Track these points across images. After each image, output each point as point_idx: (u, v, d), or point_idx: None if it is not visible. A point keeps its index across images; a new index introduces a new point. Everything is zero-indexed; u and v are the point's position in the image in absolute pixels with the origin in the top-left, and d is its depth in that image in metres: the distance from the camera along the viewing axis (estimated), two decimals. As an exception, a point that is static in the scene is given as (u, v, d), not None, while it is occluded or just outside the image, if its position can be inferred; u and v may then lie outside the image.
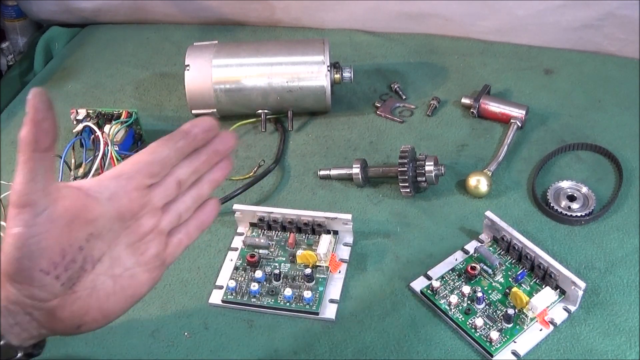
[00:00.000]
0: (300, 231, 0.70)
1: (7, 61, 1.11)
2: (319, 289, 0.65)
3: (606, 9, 0.91)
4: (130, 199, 0.45)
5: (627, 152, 0.79)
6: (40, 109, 0.40)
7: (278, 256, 0.69)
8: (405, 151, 0.73)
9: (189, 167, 0.47)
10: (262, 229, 0.71)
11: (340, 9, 1.03)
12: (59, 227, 0.41)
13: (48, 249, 0.40)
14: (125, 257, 0.45)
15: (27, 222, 0.40)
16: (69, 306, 0.42)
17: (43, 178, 0.41)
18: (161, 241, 0.47)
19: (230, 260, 0.69)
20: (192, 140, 0.47)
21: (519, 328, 0.60)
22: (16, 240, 0.40)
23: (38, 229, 0.40)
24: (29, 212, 0.40)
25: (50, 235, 0.40)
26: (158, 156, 0.46)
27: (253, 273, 0.66)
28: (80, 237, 0.42)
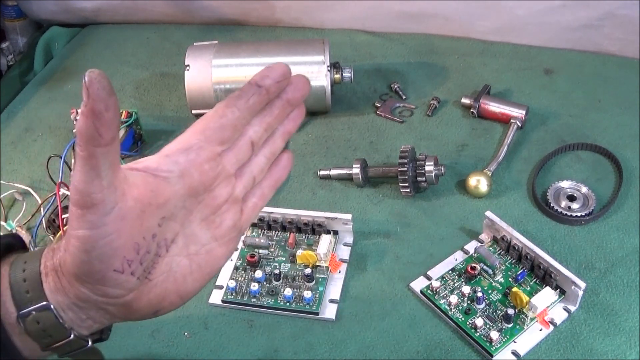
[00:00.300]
0: (300, 231, 0.70)
1: (7, 61, 1.11)
2: (319, 289, 0.65)
3: (606, 9, 0.91)
4: (203, 172, 0.40)
5: (627, 152, 0.79)
6: (101, 97, 0.35)
7: (278, 256, 0.69)
8: (405, 151, 0.73)
9: (261, 125, 0.42)
10: (262, 229, 0.71)
11: (340, 9, 1.03)
12: (130, 222, 0.37)
13: (121, 247, 0.37)
14: (200, 233, 0.42)
15: (94, 224, 0.36)
16: (145, 295, 0.39)
17: (109, 173, 0.36)
18: (237, 209, 0.43)
19: (230, 260, 0.69)
20: (265, 94, 0.41)
21: (519, 328, 0.60)
22: (83, 243, 0.36)
23: (108, 229, 0.36)
24: (96, 212, 0.36)
25: (123, 233, 0.37)
26: (229, 119, 0.41)
27: (253, 273, 0.66)
28: (152, 224, 0.38)
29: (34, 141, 0.89)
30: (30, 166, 0.84)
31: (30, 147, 0.88)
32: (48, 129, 0.91)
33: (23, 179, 0.82)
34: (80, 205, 0.36)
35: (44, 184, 0.80)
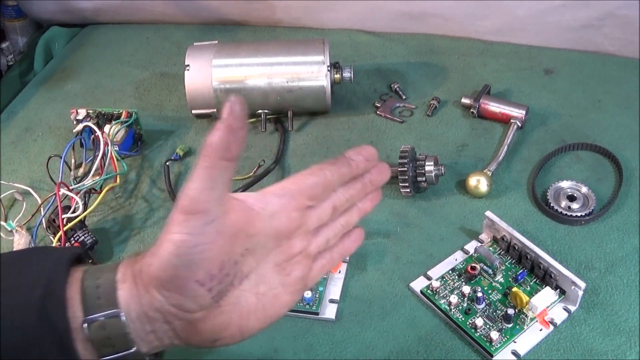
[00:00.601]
0: None
1: (7, 61, 1.11)
2: (319, 289, 0.65)
3: (606, 9, 0.91)
4: (290, 219, 0.44)
5: (627, 152, 0.79)
6: (238, 116, 0.39)
7: None
8: (405, 151, 0.73)
9: (345, 194, 0.47)
10: None
11: (340, 9, 1.03)
12: (223, 239, 0.40)
13: (209, 260, 0.39)
14: (271, 276, 0.44)
15: (194, 230, 0.39)
16: (211, 319, 0.41)
17: (221, 187, 0.40)
18: (307, 264, 0.47)
19: None
20: (354, 168, 0.47)
21: (519, 328, 0.60)
22: (178, 247, 0.39)
23: (205, 238, 0.39)
24: (200, 219, 0.39)
25: (215, 246, 0.39)
26: (322, 179, 0.45)
27: None
28: (238, 251, 0.41)
29: (34, 141, 0.89)
30: (30, 166, 0.84)
31: (30, 147, 0.88)
32: (48, 129, 0.91)
33: (23, 179, 0.82)
34: (187, 211, 0.39)
35: (44, 184, 0.80)
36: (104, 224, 0.76)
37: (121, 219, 0.76)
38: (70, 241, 0.69)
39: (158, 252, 0.39)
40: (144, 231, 0.74)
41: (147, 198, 0.79)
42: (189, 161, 0.83)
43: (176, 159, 0.83)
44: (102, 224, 0.76)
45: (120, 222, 0.76)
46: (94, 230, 0.73)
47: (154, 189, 0.80)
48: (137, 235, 0.74)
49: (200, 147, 0.47)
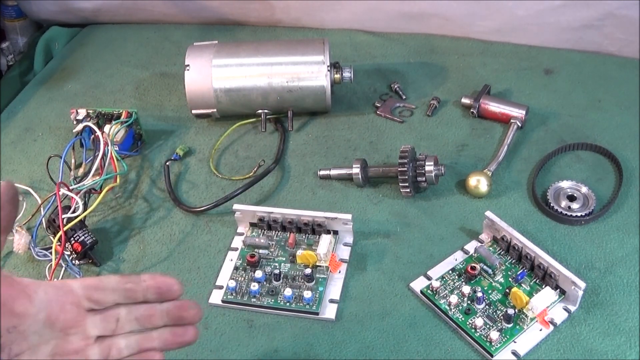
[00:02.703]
0: (300, 231, 0.70)
1: (7, 61, 1.11)
2: (319, 289, 0.65)
3: (606, 9, 0.91)
4: (63, 310, 0.45)
5: (627, 152, 0.79)
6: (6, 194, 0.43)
7: (278, 256, 0.69)
8: (405, 151, 0.73)
9: (132, 311, 0.48)
10: (262, 229, 0.71)
11: (340, 9, 1.03)
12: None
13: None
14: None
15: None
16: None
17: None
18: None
19: (230, 260, 0.69)
20: (141, 286, 0.47)
21: (519, 328, 0.60)
22: None
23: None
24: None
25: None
26: (103, 284, 0.47)
27: (253, 273, 0.66)
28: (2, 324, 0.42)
29: (34, 141, 0.89)
30: (30, 166, 0.84)
31: (30, 147, 0.88)
32: (48, 129, 0.91)
33: (23, 179, 0.82)
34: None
35: (44, 184, 0.80)
36: (104, 224, 0.76)
37: (121, 219, 0.76)
38: (70, 241, 0.69)
39: None
40: (144, 231, 0.74)
41: (147, 198, 0.79)
42: (189, 161, 0.83)
43: (176, 159, 0.83)
44: (102, 224, 0.76)
45: (120, 222, 0.76)
46: (94, 230, 0.73)
47: (154, 189, 0.80)
48: (137, 235, 0.74)
49: (200, 147, 0.47)
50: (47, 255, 0.70)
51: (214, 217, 0.75)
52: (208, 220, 0.75)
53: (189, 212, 0.76)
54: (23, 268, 0.71)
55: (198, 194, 0.79)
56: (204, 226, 0.74)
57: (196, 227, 0.74)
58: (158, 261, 0.71)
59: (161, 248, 0.72)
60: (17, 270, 0.71)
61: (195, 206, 0.76)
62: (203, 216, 0.75)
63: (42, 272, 0.69)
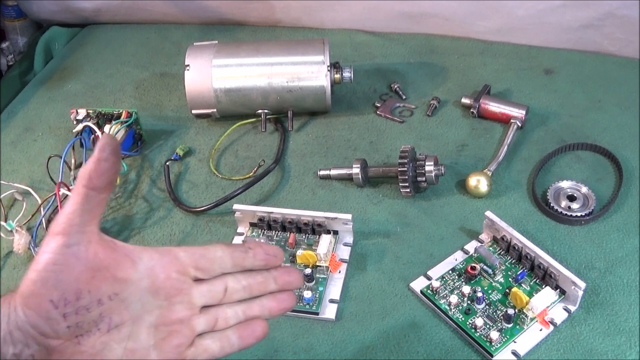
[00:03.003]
0: (300, 231, 0.70)
1: (7, 61, 1.11)
2: (319, 289, 0.65)
3: (606, 9, 0.91)
4: (168, 278, 0.44)
5: (627, 152, 0.79)
6: (104, 149, 0.41)
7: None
8: (405, 151, 0.73)
9: (241, 280, 0.47)
10: (262, 229, 0.71)
11: (340, 9, 1.03)
12: (82, 268, 0.41)
13: (64, 282, 0.40)
14: (145, 335, 0.44)
15: (54, 249, 0.40)
16: (68, 355, 0.41)
17: (85, 216, 0.41)
18: (187, 336, 0.45)
19: None
20: (250, 255, 0.47)
21: (519, 328, 0.60)
22: (38, 264, 0.40)
23: (62, 259, 0.40)
24: (60, 240, 0.40)
25: (71, 270, 0.40)
26: (210, 253, 0.46)
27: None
28: (103, 290, 0.41)
29: (34, 141, 0.89)
30: (30, 166, 0.84)
31: (30, 147, 0.88)
32: (48, 129, 0.91)
33: (23, 179, 0.82)
34: (52, 232, 0.41)
35: (44, 184, 0.80)
36: (104, 224, 0.76)
37: (121, 219, 0.76)
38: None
39: (27, 272, 0.41)
40: (144, 231, 0.74)
41: (147, 198, 0.79)
42: (189, 161, 0.83)
43: (176, 158, 0.83)
44: (102, 224, 0.75)
45: (120, 222, 0.76)
46: (94, 230, 0.73)
47: (154, 189, 0.80)
48: (137, 235, 0.74)
49: (200, 147, 0.47)
50: (47, 255, 0.70)
51: (214, 217, 0.75)
52: (208, 220, 0.75)
53: (189, 212, 0.76)
54: (23, 268, 0.71)
55: (198, 194, 0.79)
56: (204, 226, 0.74)
57: (196, 227, 0.74)
58: (158, 261, 0.71)
59: (161, 248, 0.72)
60: (17, 271, 0.71)
61: (195, 206, 0.76)
62: (203, 216, 0.75)
63: (42, 272, 0.69)
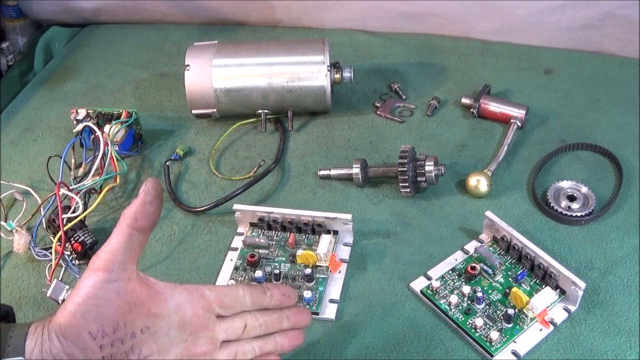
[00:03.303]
0: (300, 231, 0.70)
1: (7, 61, 1.11)
2: (319, 288, 0.65)
3: (606, 9, 0.91)
4: (195, 314, 0.48)
5: (627, 152, 0.79)
6: (149, 192, 0.45)
7: (278, 256, 0.69)
8: (405, 151, 0.73)
9: (259, 318, 0.52)
10: (262, 229, 0.71)
11: (340, 9, 1.03)
12: (121, 302, 0.44)
13: (104, 315, 0.43)
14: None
15: (95, 284, 0.43)
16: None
17: (127, 254, 0.45)
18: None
19: (230, 260, 0.69)
20: (269, 296, 0.52)
21: (519, 328, 0.60)
22: (79, 297, 0.43)
23: (103, 293, 0.43)
24: (101, 276, 0.44)
25: (112, 304, 0.44)
26: (232, 292, 0.51)
27: (253, 273, 0.66)
28: (137, 324, 0.45)
29: (34, 141, 0.89)
30: (30, 166, 0.84)
31: (30, 147, 0.88)
32: (48, 129, 0.91)
33: (23, 179, 0.82)
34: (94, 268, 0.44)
35: (44, 184, 0.80)
36: (104, 224, 0.76)
37: (121, 219, 0.76)
38: (70, 241, 0.69)
39: (65, 303, 0.44)
40: (144, 231, 0.74)
41: (147, 198, 0.78)
42: (189, 161, 0.83)
43: (176, 158, 0.83)
44: (102, 224, 0.76)
45: (120, 222, 0.76)
46: (94, 230, 0.73)
47: (154, 189, 0.80)
48: (137, 235, 0.74)
49: (200, 147, 0.48)
50: (47, 255, 0.70)
51: (214, 217, 0.75)
52: (208, 220, 0.75)
53: (189, 212, 0.76)
54: (23, 268, 0.71)
55: (198, 194, 0.79)
56: (204, 226, 0.74)
57: (196, 227, 0.74)
58: (158, 261, 0.71)
59: (161, 248, 0.72)
60: (17, 271, 0.71)
61: (195, 206, 0.76)
62: (203, 216, 0.75)
63: (42, 272, 0.69)
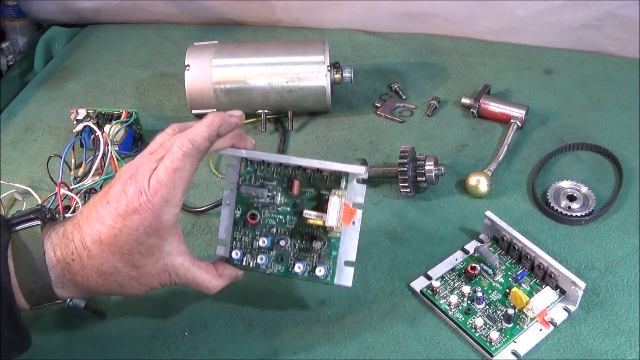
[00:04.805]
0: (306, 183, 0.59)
1: (7, 61, 1.11)
2: (331, 253, 0.58)
3: (606, 9, 0.91)
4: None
5: (627, 152, 0.79)
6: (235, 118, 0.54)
7: (281, 205, 0.59)
8: (405, 151, 0.73)
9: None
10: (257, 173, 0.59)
11: (340, 9, 1.03)
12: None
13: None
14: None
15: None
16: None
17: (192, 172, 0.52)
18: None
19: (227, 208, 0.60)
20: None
21: (519, 328, 0.60)
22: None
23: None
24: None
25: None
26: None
27: (257, 240, 0.59)
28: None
29: (34, 141, 0.89)
30: (30, 166, 0.84)
31: (30, 147, 0.88)
32: (48, 129, 0.91)
33: (23, 179, 0.82)
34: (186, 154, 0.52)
35: (44, 184, 0.80)
36: (104, 224, 0.75)
37: (121, 219, 0.76)
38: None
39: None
40: (144, 231, 0.74)
41: (147, 198, 0.78)
42: (189, 161, 0.83)
43: (176, 159, 0.83)
44: (102, 224, 0.76)
45: (120, 222, 0.76)
46: (94, 230, 0.73)
47: (154, 189, 0.80)
48: (137, 235, 0.74)
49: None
50: (47, 255, 0.70)
51: (214, 217, 0.75)
52: (208, 220, 0.75)
53: (189, 212, 0.76)
54: (23, 268, 0.71)
55: (198, 194, 0.78)
56: (204, 226, 0.74)
57: (196, 227, 0.74)
58: (158, 261, 0.70)
59: (161, 248, 0.72)
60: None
61: (195, 206, 0.76)
62: (203, 216, 0.75)
63: (42, 272, 0.69)
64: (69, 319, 0.64)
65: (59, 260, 0.51)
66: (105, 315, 0.64)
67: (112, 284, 0.52)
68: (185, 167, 0.50)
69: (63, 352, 0.61)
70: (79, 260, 0.51)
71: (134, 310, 0.65)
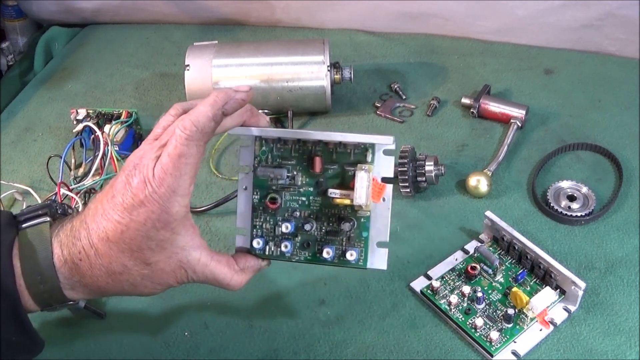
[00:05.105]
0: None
1: (7, 61, 1.11)
2: (362, 234, 0.53)
3: (606, 9, 0.91)
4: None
5: (627, 152, 0.79)
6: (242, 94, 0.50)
7: (303, 185, 0.54)
8: (405, 151, 0.73)
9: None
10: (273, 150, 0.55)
11: (340, 9, 1.03)
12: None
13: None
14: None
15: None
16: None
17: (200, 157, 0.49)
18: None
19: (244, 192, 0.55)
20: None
21: (519, 328, 0.60)
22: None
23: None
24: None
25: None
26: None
27: (280, 227, 0.54)
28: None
29: (34, 141, 0.89)
30: (30, 166, 0.84)
31: (30, 147, 0.88)
32: (48, 129, 0.91)
33: (23, 179, 0.82)
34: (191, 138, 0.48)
35: (44, 184, 0.80)
36: (104, 224, 0.75)
37: (121, 219, 0.76)
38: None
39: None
40: (144, 231, 0.74)
41: (147, 198, 0.78)
42: (189, 161, 0.83)
43: (176, 159, 0.83)
44: (102, 224, 0.76)
45: (120, 222, 0.76)
46: (94, 230, 0.73)
47: (154, 189, 0.80)
48: (137, 235, 0.74)
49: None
50: (47, 255, 0.70)
51: (214, 217, 0.75)
52: (208, 220, 0.75)
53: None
54: (23, 268, 0.71)
55: (198, 194, 0.78)
56: (204, 226, 0.74)
57: (196, 227, 0.74)
58: (158, 261, 0.70)
59: (161, 248, 0.72)
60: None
61: (195, 206, 0.76)
62: (203, 216, 0.75)
63: (42, 272, 0.69)
64: (69, 319, 0.64)
65: (66, 260, 0.47)
66: (105, 315, 0.64)
67: (124, 284, 0.49)
68: (191, 152, 0.46)
69: (63, 352, 0.61)
70: (87, 260, 0.47)
71: (134, 310, 0.65)
